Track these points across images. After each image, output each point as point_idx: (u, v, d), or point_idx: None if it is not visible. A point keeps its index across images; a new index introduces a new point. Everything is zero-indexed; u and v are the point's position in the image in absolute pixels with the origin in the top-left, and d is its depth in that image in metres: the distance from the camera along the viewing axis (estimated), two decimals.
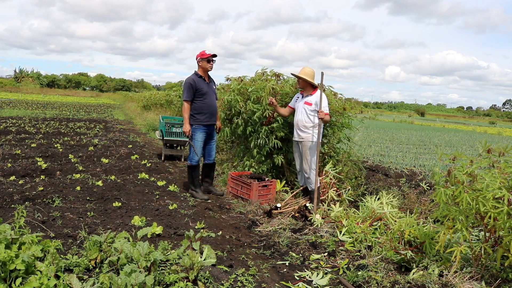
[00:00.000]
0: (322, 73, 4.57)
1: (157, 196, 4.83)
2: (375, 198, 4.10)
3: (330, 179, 4.87)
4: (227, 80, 6.62)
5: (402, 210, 4.30)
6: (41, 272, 2.36)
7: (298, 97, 4.84)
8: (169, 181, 5.69)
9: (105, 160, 6.86)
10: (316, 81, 4.75)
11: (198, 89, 4.80)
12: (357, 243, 3.51)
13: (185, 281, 2.55)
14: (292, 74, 4.85)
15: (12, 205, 3.98)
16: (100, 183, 5.17)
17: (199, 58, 4.85)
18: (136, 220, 3.75)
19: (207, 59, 4.82)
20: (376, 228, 3.74)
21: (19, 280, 2.28)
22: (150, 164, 6.90)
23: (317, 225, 3.96)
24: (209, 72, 4.99)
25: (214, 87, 5.06)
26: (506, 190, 2.63)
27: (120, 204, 4.33)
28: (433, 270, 2.88)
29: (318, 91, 4.60)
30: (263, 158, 5.46)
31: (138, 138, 10.70)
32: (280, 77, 5.92)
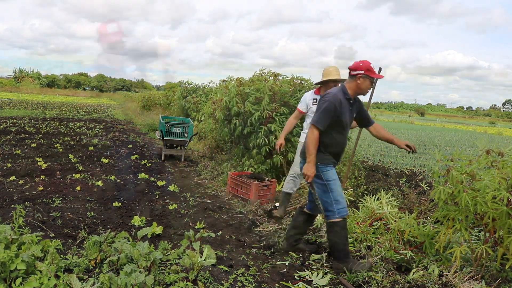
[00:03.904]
0: (380, 69, 3.64)
1: (157, 196, 4.83)
2: (375, 198, 4.10)
3: None
4: (222, 81, 6.69)
5: (402, 210, 4.30)
6: (41, 272, 2.36)
7: (315, 99, 4.06)
8: (169, 181, 5.69)
9: (105, 160, 6.86)
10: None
11: (340, 117, 3.03)
12: (357, 243, 3.51)
13: (185, 281, 2.55)
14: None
15: (12, 205, 3.98)
16: (100, 183, 5.17)
17: (362, 72, 3.01)
18: (136, 220, 3.75)
19: (371, 80, 3.08)
20: (376, 228, 3.74)
21: (19, 280, 2.28)
22: (150, 164, 6.90)
23: (317, 225, 3.96)
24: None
25: (353, 115, 3.24)
26: (505, 190, 2.63)
27: (120, 204, 4.33)
28: (433, 270, 2.88)
29: None
30: (262, 158, 5.46)
31: (138, 138, 10.70)
32: (278, 77, 5.93)
